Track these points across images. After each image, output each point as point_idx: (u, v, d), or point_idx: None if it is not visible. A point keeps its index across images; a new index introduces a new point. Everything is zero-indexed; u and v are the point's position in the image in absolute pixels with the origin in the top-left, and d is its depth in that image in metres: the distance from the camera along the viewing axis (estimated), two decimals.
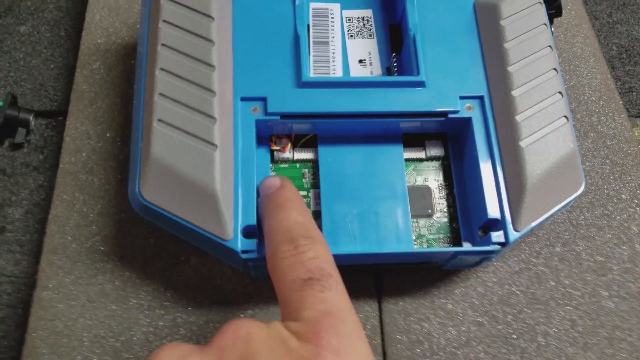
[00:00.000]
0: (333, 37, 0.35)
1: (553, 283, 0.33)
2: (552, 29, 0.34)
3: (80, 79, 0.39)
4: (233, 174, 0.29)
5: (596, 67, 0.39)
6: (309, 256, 0.23)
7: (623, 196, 0.36)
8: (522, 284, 0.33)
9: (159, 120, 0.29)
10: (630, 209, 0.35)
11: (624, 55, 0.39)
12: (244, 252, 0.28)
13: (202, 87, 0.30)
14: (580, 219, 0.35)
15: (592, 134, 0.37)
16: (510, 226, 0.29)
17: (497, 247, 0.29)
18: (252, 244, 0.28)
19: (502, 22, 0.32)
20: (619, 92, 0.39)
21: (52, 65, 0.42)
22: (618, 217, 0.35)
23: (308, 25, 0.35)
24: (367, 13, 0.36)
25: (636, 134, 0.38)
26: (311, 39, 0.35)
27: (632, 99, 0.38)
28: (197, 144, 0.29)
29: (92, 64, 0.39)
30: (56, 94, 0.41)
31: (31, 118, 0.39)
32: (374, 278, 0.33)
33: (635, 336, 0.33)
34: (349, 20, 0.35)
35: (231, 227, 0.28)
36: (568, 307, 0.33)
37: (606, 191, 0.36)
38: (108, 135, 0.37)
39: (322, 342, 0.20)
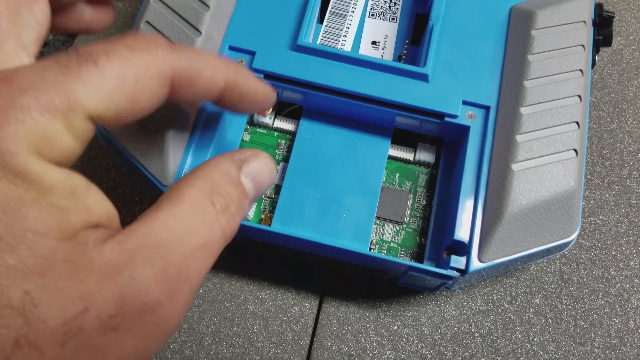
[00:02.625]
0: (353, 11, 0.32)
1: (520, 336, 0.29)
2: (597, 58, 0.30)
3: None
4: (193, 120, 0.27)
5: None
6: None
7: (632, 263, 0.30)
8: (483, 327, 0.29)
9: None
10: (636, 280, 0.30)
11: None
12: None
13: (190, 24, 0.28)
14: (574, 275, 0.30)
15: (616, 187, 0.32)
16: (475, 254, 0.25)
17: (454, 273, 0.25)
18: None
19: (534, 32, 0.28)
20: None
21: None
22: (618, 285, 0.30)
23: None
24: None
25: None
26: (329, 8, 0.32)
27: None
28: None
29: None
30: None
31: None
32: (322, 274, 0.30)
33: None
34: None
35: (173, 173, 0.26)
36: None
37: (613, 253, 0.31)
38: None
39: None
